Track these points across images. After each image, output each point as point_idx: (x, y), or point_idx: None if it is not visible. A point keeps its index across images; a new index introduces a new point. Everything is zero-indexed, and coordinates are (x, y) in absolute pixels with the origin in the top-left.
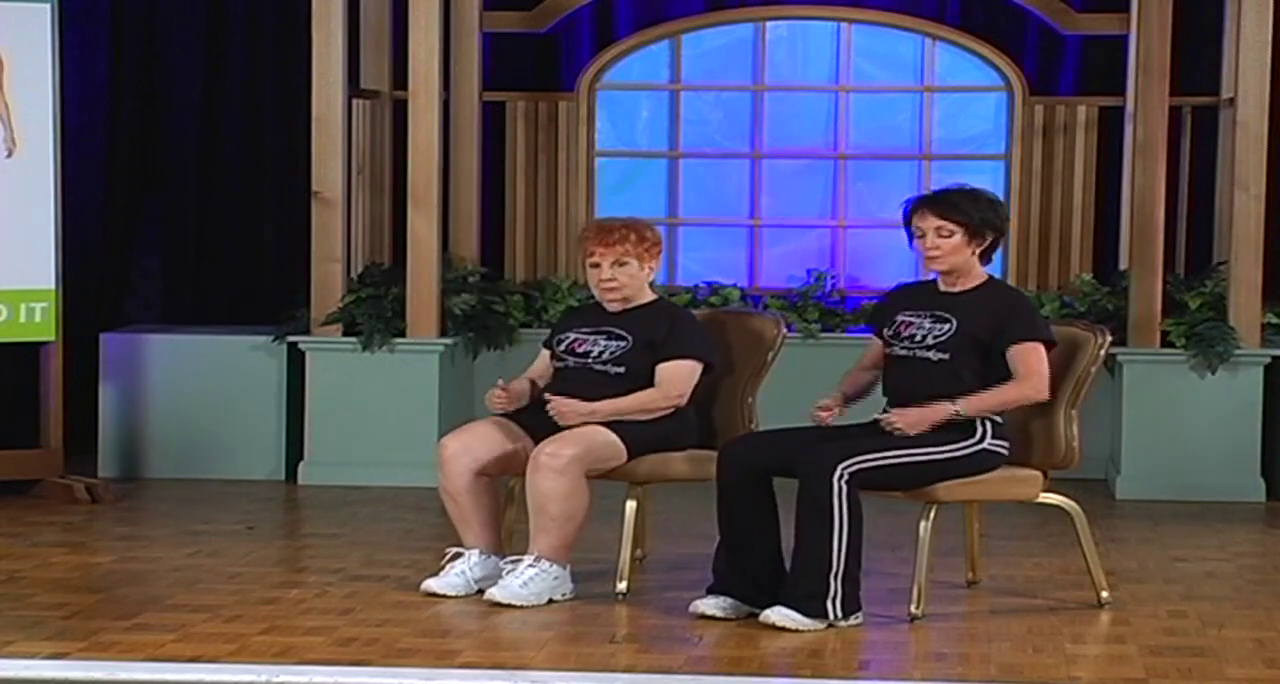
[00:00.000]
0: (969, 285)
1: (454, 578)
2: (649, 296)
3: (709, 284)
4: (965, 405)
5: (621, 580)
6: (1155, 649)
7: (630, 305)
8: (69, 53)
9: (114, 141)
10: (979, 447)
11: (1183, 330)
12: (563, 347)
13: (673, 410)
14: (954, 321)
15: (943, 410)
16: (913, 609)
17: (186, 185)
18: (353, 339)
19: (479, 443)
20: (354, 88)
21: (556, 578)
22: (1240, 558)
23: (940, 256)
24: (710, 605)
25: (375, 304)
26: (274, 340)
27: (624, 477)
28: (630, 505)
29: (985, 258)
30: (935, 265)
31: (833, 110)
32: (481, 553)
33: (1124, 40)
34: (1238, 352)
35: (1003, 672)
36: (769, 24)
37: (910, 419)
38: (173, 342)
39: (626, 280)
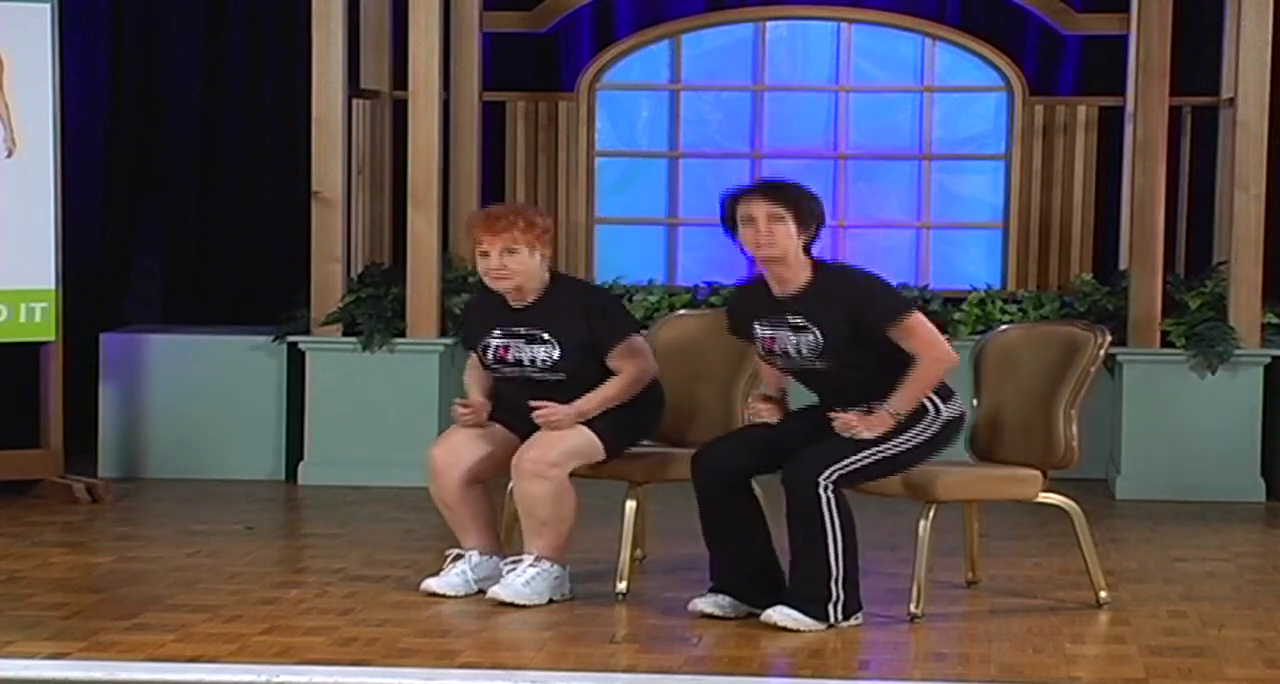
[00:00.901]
0: (802, 282)
1: (454, 578)
2: (545, 281)
3: (709, 284)
4: (895, 406)
5: (621, 580)
6: (1155, 649)
7: (533, 297)
8: (69, 53)
9: (114, 141)
10: (938, 420)
11: (1183, 330)
12: (490, 355)
13: (644, 392)
14: (815, 332)
15: (883, 418)
16: (913, 609)
17: (186, 185)
18: (353, 339)
19: (466, 450)
20: (354, 88)
21: (557, 577)
22: (1240, 558)
23: (773, 243)
24: (709, 603)
25: (375, 304)
26: (274, 340)
27: (624, 477)
28: (630, 505)
29: (807, 250)
30: (766, 252)
31: (833, 110)
32: (481, 554)
33: (1124, 40)
34: (1238, 352)
35: (1003, 672)
36: (769, 24)
37: (864, 425)
38: (173, 342)
39: (517, 268)
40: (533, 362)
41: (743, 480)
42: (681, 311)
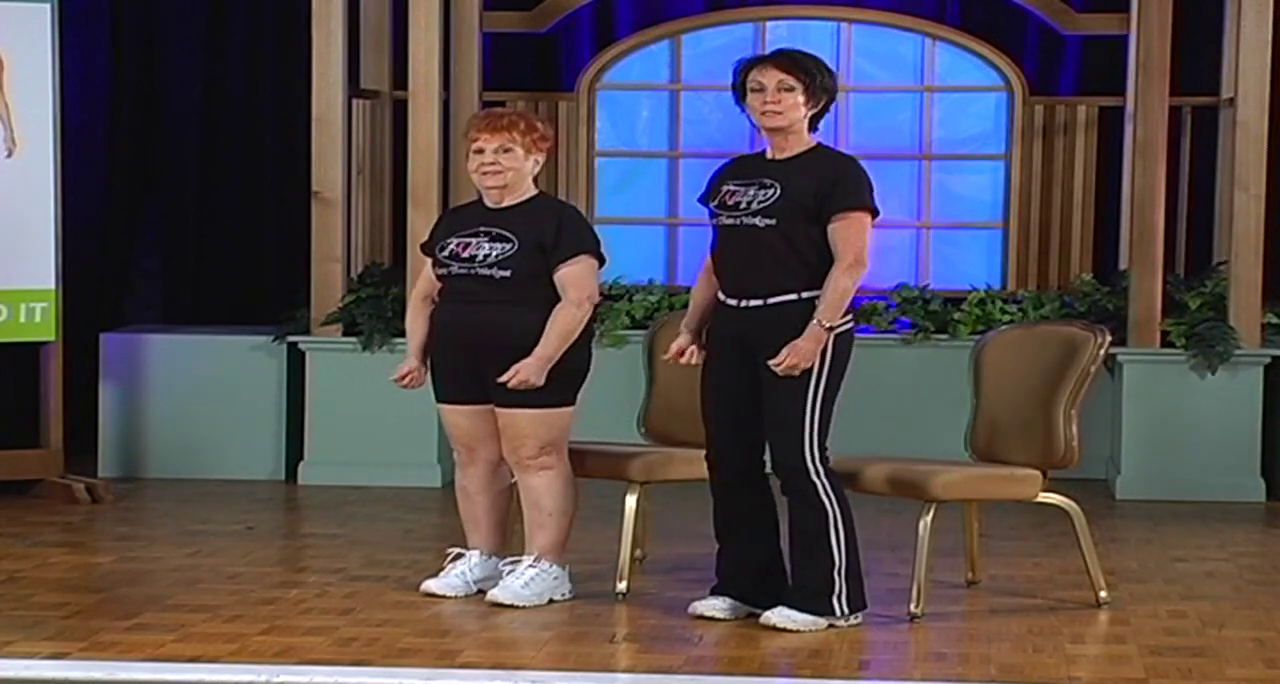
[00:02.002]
0: (797, 151)
1: (454, 579)
2: (531, 191)
3: None
4: (823, 317)
5: (621, 580)
6: (1155, 649)
7: (513, 201)
8: (69, 53)
9: (114, 141)
10: (834, 333)
11: (1183, 330)
12: (445, 252)
13: (586, 317)
14: (778, 187)
15: (818, 335)
16: (913, 609)
17: (186, 185)
18: (353, 339)
19: (480, 433)
20: (354, 88)
21: (556, 578)
22: (1240, 558)
23: (780, 112)
24: (709, 607)
25: (375, 304)
26: (274, 340)
27: (624, 477)
28: (630, 505)
29: (813, 124)
30: (772, 121)
31: (833, 110)
32: (483, 555)
33: (1124, 40)
34: (1238, 352)
35: (1003, 672)
36: (769, 24)
37: (802, 357)
38: (173, 341)
39: (509, 165)
40: (485, 257)
41: (758, 472)
42: (682, 311)
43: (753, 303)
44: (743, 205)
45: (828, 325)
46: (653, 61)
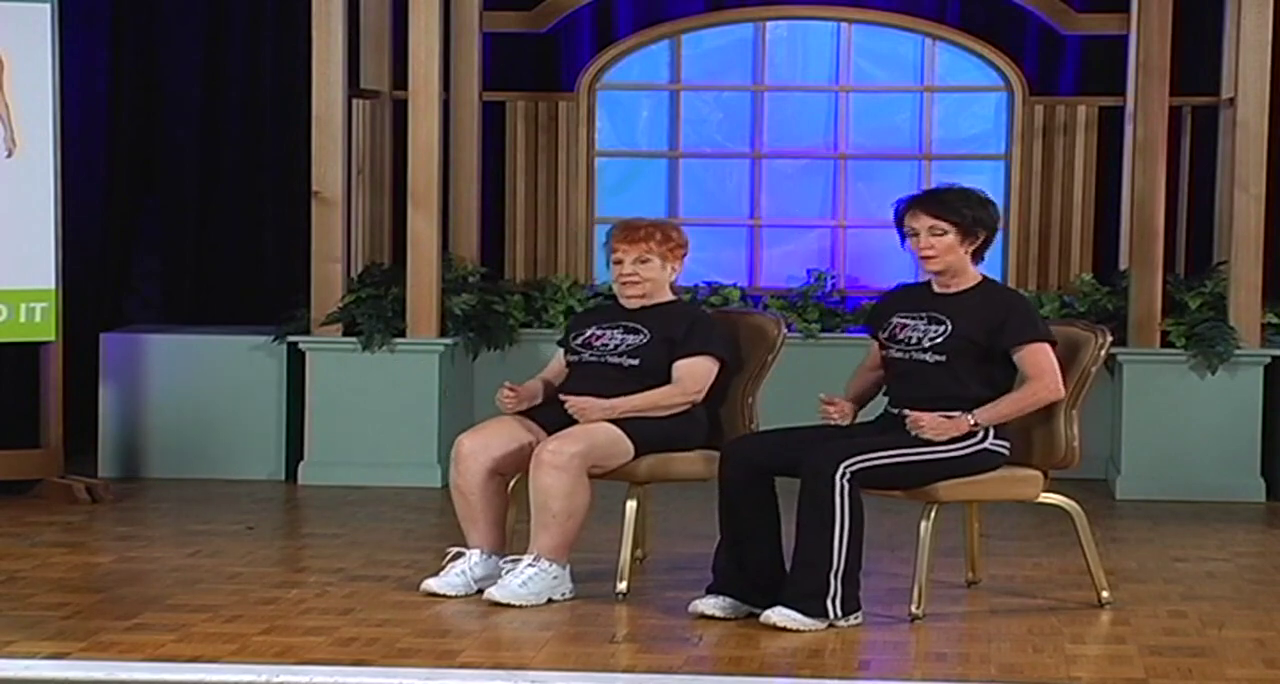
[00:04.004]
0: (964, 286)
1: (454, 578)
2: (669, 297)
3: (709, 284)
4: (982, 417)
5: (621, 580)
6: (1155, 649)
7: (649, 303)
8: (69, 53)
9: (114, 141)
10: (980, 447)
11: (1183, 330)
12: (579, 341)
13: (686, 408)
14: (949, 323)
15: (963, 425)
16: (913, 609)
17: (186, 185)
18: (353, 339)
19: (496, 440)
20: (354, 88)
21: (556, 577)
22: (1240, 558)
23: (935, 256)
24: (710, 605)
25: (375, 304)
26: (274, 340)
27: (625, 477)
28: (630, 505)
29: (978, 257)
30: (930, 266)
31: (833, 110)
32: (483, 553)
33: (1124, 40)
34: (1238, 352)
35: (1003, 672)
36: (769, 24)
37: (933, 425)
38: (173, 342)
39: (648, 275)
40: (617, 346)
41: (767, 476)
42: None
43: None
44: (913, 340)
45: (974, 423)
46: (653, 61)
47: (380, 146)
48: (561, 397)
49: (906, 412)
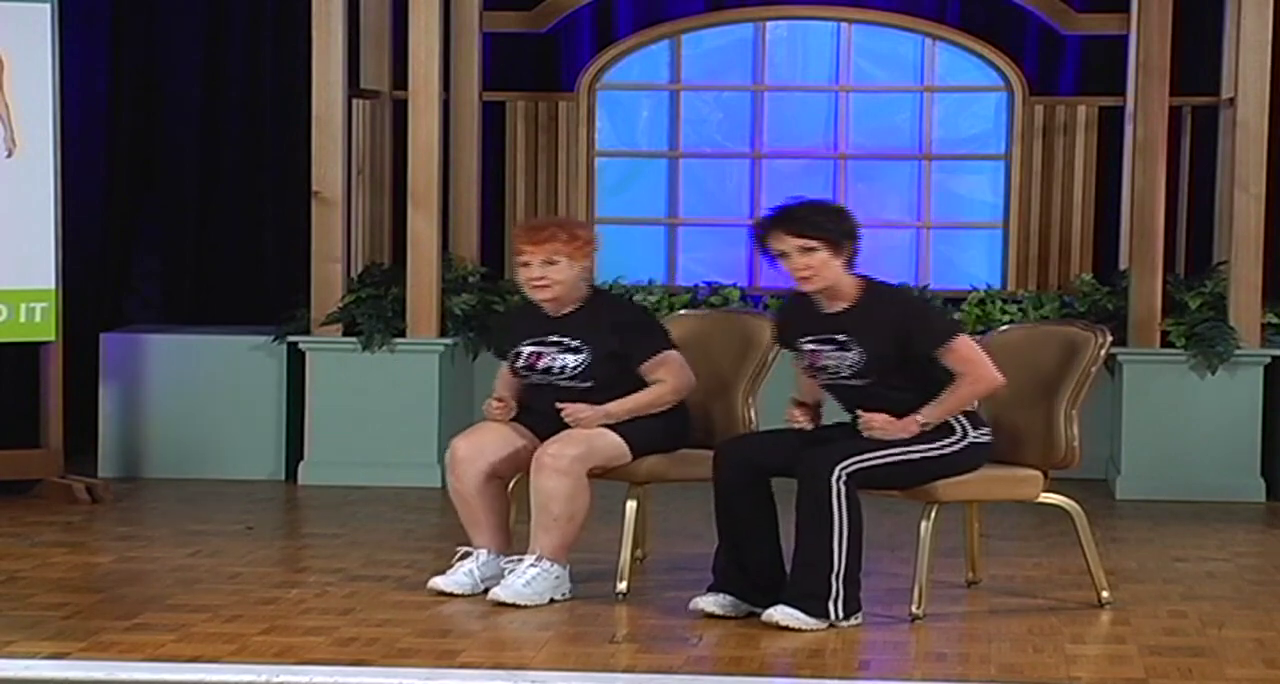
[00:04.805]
0: (851, 301)
1: (461, 577)
2: (584, 293)
3: (709, 284)
4: (926, 415)
5: (621, 580)
6: (1155, 649)
7: (570, 307)
8: (69, 53)
9: (114, 141)
10: (965, 442)
11: (1183, 330)
12: (521, 363)
13: (674, 406)
14: (857, 348)
15: (908, 425)
16: (913, 609)
17: (186, 185)
18: (353, 339)
19: (491, 444)
20: (354, 88)
21: (557, 577)
22: (1240, 558)
23: (813, 275)
24: (710, 602)
25: (375, 304)
26: (274, 340)
27: (624, 477)
28: (630, 505)
29: (850, 265)
30: (810, 286)
31: (833, 110)
32: (490, 553)
33: (1124, 40)
34: (1238, 352)
35: (1003, 672)
36: (769, 24)
37: (882, 425)
38: (173, 342)
39: (556, 278)
40: (562, 369)
41: (763, 477)
42: (682, 312)
43: None
44: (831, 369)
45: (923, 422)
46: (653, 61)
47: (380, 146)
48: (558, 404)
49: (860, 415)
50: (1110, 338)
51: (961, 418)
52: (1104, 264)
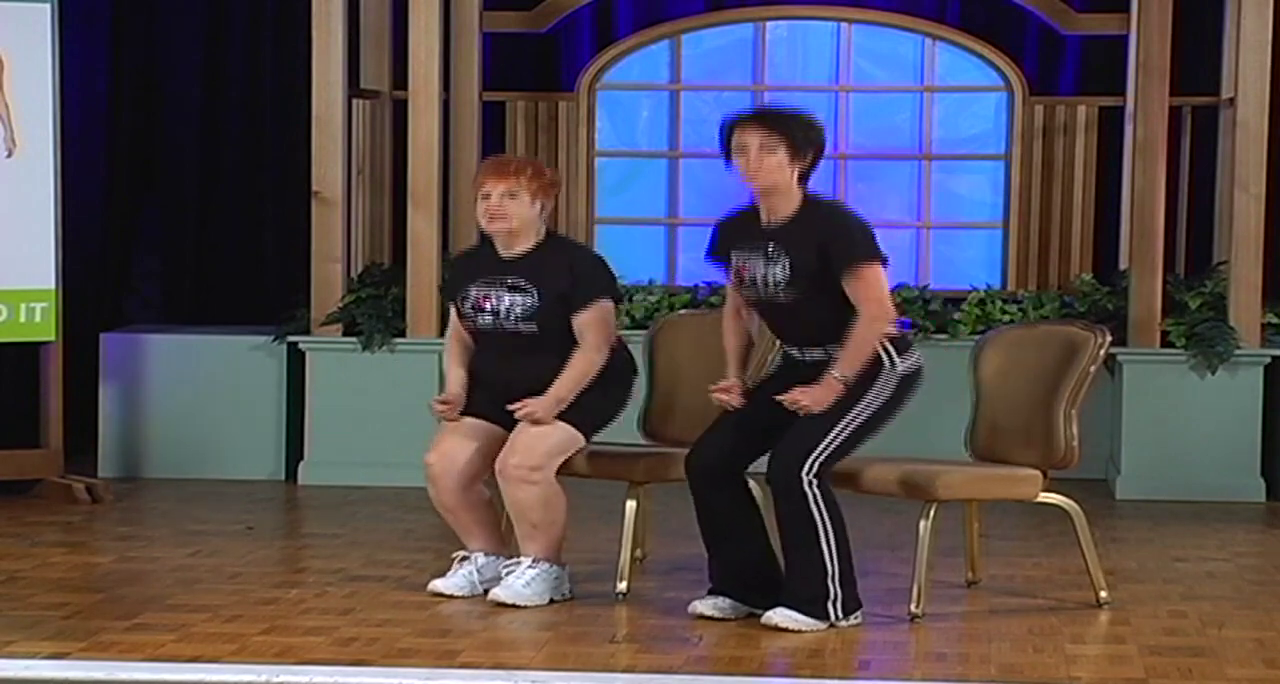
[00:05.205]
0: (790, 212)
1: (460, 579)
2: (540, 235)
3: (709, 284)
4: (841, 371)
5: (621, 580)
6: (1155, 649)
7: (522, 248)
8: (69, 53)
9: (114, 141)
10: (894, 375)
11: (1183, 330)
12: (468, 305)
13: (606, 367)
14: (787, 260)
15: (831, 385)
16: (913, 609)
17: (186, 185)
18: (353, 339)
19: (459, 452)
20: (354, 88)
21: (557, 577)
22: (1240, 558)
23: (764, 173)
24: (709, 606)
25: (375, 304)
26: (274, 340)
27: (624, 477)
28: (630, 505)
29: (803, 180)
30: (758, 182)
31: (833, 110)
32: (487, 554)
33: (1124, 40)
34: (1238, 352)
35: (1003, 672)
36: (769, 24)
37: (811, 400)
38: (173, 342)
39: (515, 211)
40: (509, 311)
41: (733, 472)
42: (682, 312)
43: (814, 353)
44: (758, 282)
45: (840, 377)
46: (653, 61)
47: (380, 146)
48: (509, 407)
49: (782, 399)
50: (1110, 338)
51: (887, 348)
52: (1104, 264)
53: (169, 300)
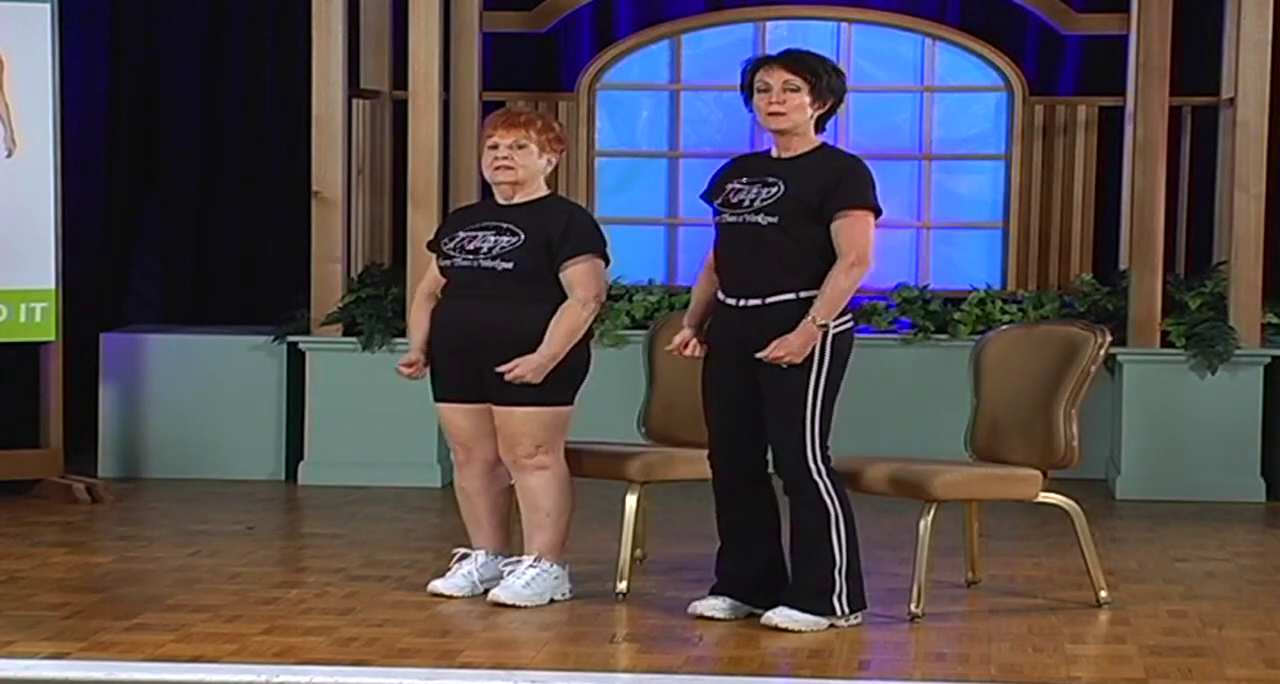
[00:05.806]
0: (804, 149)
1: (460, 579)
2: (543, 190)
3: None
4: (817, 314)
5: (621, 580)
6: (1155, 649)
7: (523, 199)
8: (69, 53)
9: (114, 141)
10: (833, 333)
11: (1183, 330)
12: (451, 244)
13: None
14: (782, 184)
15: (809, 331)
16: (913, 609)
17: (186, 185)
18: (353, 339)
19: (477, 433)
20: (354, 88)
21: (557, 577)
22: (1240, 558)
23: (784, 113)
24: (709, 607)
25: (375, 304)
26: (274, 340)
27: (624, 477)
28: (630, 505)
29: (820, 126)
30: (776, 123)
31: None
32: (488, 554)
33: (1124, 40)
34: (1238, 352)
35: (1003, 672)
36: (769, 24)
37: (790, 351)
38: (173, 342)
39: (522, 162)
40: (490, 249)
41: (760, 476)
42: (681, 312)
43: (752, 302)
44: (745, 203)
45: (821, 322)
46: (653, 61)
47: (380, 146)
48: (499, 369)
49: (760, 356)
50: (1110, 338)
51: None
52: (1104, 264)
53: (169, 300)
